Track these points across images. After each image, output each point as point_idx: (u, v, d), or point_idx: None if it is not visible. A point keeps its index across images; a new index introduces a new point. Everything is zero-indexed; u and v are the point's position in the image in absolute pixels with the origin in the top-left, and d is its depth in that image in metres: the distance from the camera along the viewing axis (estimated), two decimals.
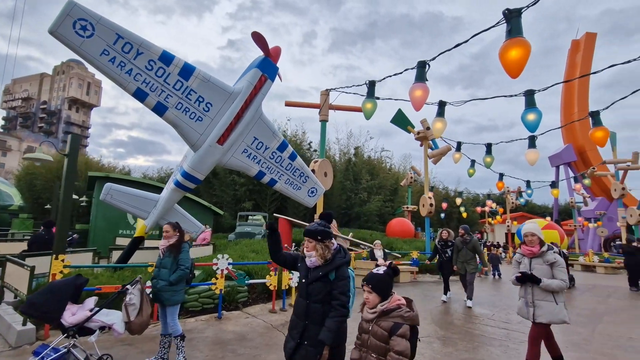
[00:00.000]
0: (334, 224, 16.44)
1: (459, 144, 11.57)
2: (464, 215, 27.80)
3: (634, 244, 11.71)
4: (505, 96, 6.34)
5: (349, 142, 31.30)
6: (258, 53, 6.45)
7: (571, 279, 11.39)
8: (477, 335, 5.21)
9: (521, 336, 5.16)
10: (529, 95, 5.85)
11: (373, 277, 2.18)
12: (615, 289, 11.06)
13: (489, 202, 27.23)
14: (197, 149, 6.02)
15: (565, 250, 14.18)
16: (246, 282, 6.37)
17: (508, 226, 25.55)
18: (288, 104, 9.53)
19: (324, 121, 9.13)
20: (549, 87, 5.84)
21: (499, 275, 13.14)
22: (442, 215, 27.29)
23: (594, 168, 20.28)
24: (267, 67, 6.25)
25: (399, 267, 11.28)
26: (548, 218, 27.26)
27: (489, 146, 10.25)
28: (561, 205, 35.59)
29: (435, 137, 11.90)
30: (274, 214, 17.47)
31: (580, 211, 28.03)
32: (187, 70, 5.54)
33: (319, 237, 2.41)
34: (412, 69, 5.46)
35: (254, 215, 18.83)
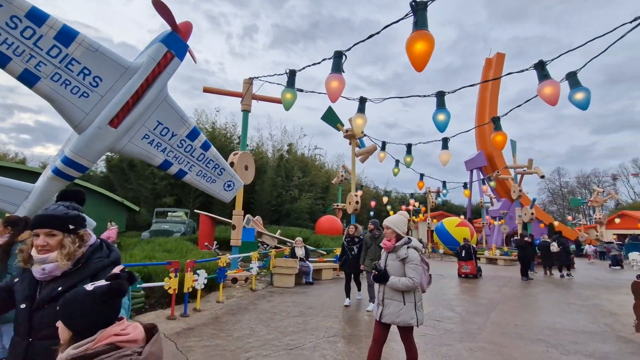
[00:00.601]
0: (259, 220, 15.95)
1: (384, 144, 11.96)
2: (391, 213, 29.25)
3: (526, 239, 13.29)
4: (419, 96, 6.54)
5: (283, 138, 30.89)
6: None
7: (479, 270, 12.70)
8: None
9: (424, 329, 5.31)
10: (440, 96, 6.10)
11: (65, 297, 1.26)
12: (510, 278, 12.44)
13: (412, 201, 29.09)
14: (82, 131, 5.07)
15: (474, 245, 15.60)
16: (138, 286, 5.59)
17: (428, 224, 27.60)
18: (206, 90, 8.80)
19: (246, 111, 8.61)
20: (457, 89, 6.16)
21: None
22: (372, 213, 28.41)
23: (498, 172, 22.79)
24: (174, 42, 5.52)
25: (323, 264, 11.21)
26: (462, 216, 30.05)
27: (409, 146, 10.71)
28: (474, 205, 39.58)
29: (356, 133, 12.08)
30: (196, 210, 16.33)
31: (488, 210, 31.45)
32: (66, 34, 4.60)
33: (72, 227, 1.55)
34: (329, 59, 5.28)
35: (175, 212, 17.39)
